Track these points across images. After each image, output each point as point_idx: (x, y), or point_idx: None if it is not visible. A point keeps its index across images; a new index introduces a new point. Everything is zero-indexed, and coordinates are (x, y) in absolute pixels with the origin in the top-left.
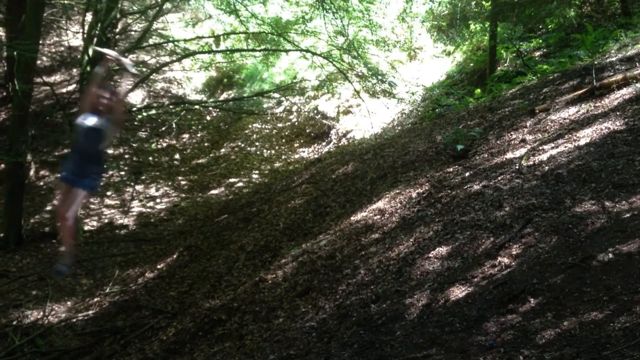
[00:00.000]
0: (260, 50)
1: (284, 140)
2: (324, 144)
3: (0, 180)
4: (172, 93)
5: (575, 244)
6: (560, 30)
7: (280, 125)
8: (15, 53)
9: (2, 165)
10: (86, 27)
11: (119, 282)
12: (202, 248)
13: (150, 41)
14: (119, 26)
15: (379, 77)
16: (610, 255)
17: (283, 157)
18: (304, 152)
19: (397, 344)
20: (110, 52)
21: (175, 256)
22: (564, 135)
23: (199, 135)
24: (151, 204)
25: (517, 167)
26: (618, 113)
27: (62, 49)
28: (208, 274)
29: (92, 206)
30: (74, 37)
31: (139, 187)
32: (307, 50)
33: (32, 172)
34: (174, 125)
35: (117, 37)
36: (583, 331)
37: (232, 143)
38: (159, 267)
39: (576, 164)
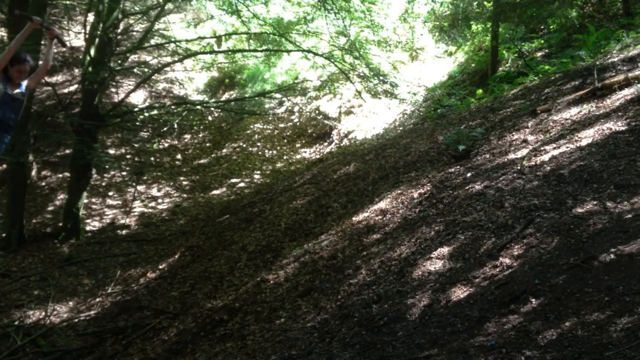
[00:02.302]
0: (262, 51)
1: (285, 141)
2: (325, 144)
3: (2, 180)
4: (173, 93)
5: (577, 245)
6: (562, 31)
7: (282, 125)
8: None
9: (4, 166)
10: (88, 28)
11: (120, 282)
12: (204, 248)
13: (152, 41)
14: (121, 26)
15: (381, 78)
16: (612, 256)
17: (285, 157)
18: (305, 152)
19: (399, 344)
20: (36, 19)
21: (177, 256)
22: (566, 135)
23: (200, 135)
24: (153, 204)
25: (518, 167)
26: (620, 113)
27: (64, 49)
28: (210, 274)
29: (94, 206)
30: (75, 37)
31: (140, 188)
32: (309, 51)
33: (34, 173)
34: (175, 126)
35: (119, 37)
36: (585, 332)
37: (233, 143)
38: (160, 267)
39: (578, 165)
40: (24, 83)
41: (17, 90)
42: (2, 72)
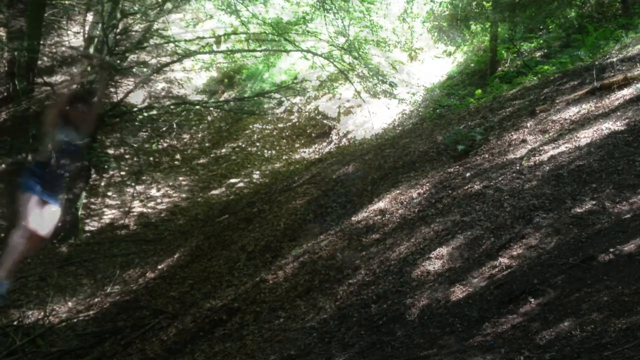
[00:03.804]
0: (261, 51)
1: (284, 141)
2: (324, 144)
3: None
4: (172, 93)
5: (576, 245)
6: (561, 31)
7: (281, 125)
8: (16, 53)
9: (4, 166)
10: (87, 28)
11: (119, 282)
12: (203, 248)
13: (151, 41)
14: (120, 26)
15: (380, 78)
16: (611, 256)
17: (284, 157)
18: (304, 152)
19: (398, 344)
20: (92, 54)
21: (176, 256)
22: (565, 135)
23: (199, 135)
24: (152, 204)
25: (517, 167)
26: (619, 113)
27: (63, 49)
28: (209, 274)
29: (93, 206)
30: (74, 37)
31: (139, 188)
32: (308, 51)
33: None
34: (174, 126)
35: (118, 37)
36: (584, 332)
37: (232, 143)
38: (159, 267)
39: (577, 165)
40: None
41: (77, 137)
42: (60, 118)
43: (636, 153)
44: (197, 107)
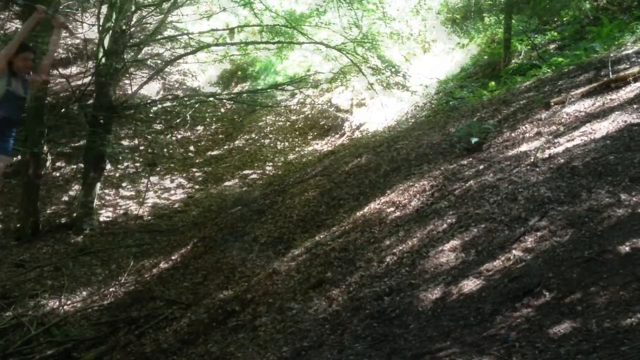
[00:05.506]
0: (274, 43)
1: (297, 133)
2: (337, 136)
3: (16, 171)
4: (186, 85)
5: (591, 238)
6: (575, 23)
7: (293, 117)
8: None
9: (19, 157)
10: (101, 20)
11: (133, 272)
12: (216, 239)
13: (165, 33)
14: (134, 19)
15: (393, 70)
16: (627, 249)
17: (296, 149)
18: (317, 144)
19: (411, 337)
20: (40, 7)
21: (189, 247)
22: (580, 128)
23: (213, 127)
24: (166, 195)
25: (532, 160)
26: (635, 106)
27: (78, 41)
28: (222, 265)
29: (108, 197)
30: (89, 29)
31: (153, 179)
32: (321, 43)
33: (48, 163)
34: (188, 118)
35: (132, 29)
36: (599, 326)
37: (245, 135)
38: (173, 258)
39: (592, 157)
40: (29, 78)
41: (21, 87)
42: (7, 66)
43: None
44: (211, 99)
